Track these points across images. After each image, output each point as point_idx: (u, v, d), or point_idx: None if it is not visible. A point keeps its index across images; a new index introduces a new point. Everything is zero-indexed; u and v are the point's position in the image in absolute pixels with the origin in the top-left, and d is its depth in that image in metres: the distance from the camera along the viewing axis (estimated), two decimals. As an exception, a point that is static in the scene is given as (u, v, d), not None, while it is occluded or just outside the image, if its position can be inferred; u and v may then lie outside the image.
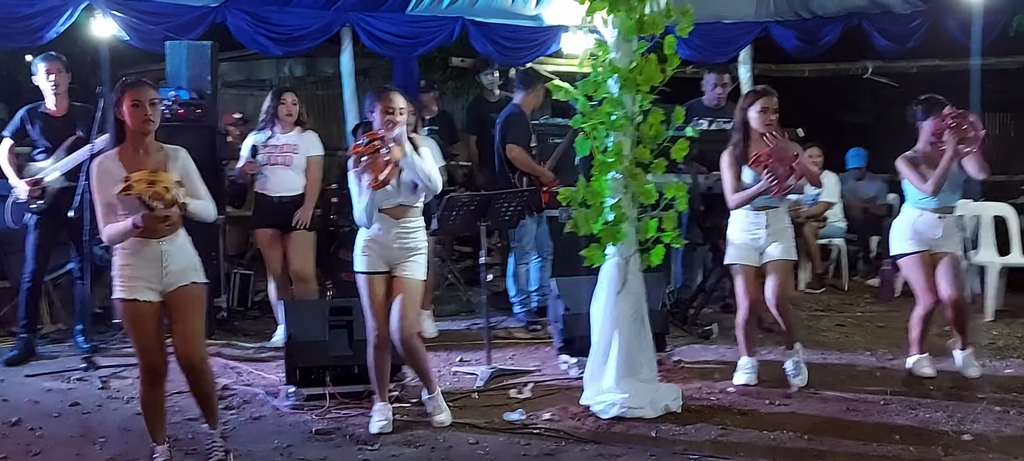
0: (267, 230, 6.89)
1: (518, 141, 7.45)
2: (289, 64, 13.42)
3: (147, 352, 4.35)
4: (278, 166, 6.79)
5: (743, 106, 5.77)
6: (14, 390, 5.88)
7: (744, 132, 5.73)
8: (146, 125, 4.33)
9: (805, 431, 4.98)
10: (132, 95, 4.31)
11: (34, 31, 7.64)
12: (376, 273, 4.97)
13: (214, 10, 8.21)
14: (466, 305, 8.39)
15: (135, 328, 4.35)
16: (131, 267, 4.31)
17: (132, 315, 4.32)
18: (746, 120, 5.72)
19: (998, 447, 4.72)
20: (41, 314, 7.19)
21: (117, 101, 4.34)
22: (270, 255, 6.93)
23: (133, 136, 4.35)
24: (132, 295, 4.30)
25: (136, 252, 4.29)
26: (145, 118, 4.31)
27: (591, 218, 5.27)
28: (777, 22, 9.86)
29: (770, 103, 5.67)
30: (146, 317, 4.32)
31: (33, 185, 6.46)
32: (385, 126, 4.85)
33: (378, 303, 4.97)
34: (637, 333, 5.33)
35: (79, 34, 8.41)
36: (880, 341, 7.06)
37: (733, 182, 5.74)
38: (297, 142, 6.84)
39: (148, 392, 4.43)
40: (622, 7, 5.12)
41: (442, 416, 5.12)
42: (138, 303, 4.30)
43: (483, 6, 9.23)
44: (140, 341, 4.36)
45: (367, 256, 4.98)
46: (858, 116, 13.38)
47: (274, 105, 6.81)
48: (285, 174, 6.79)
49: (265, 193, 6.84)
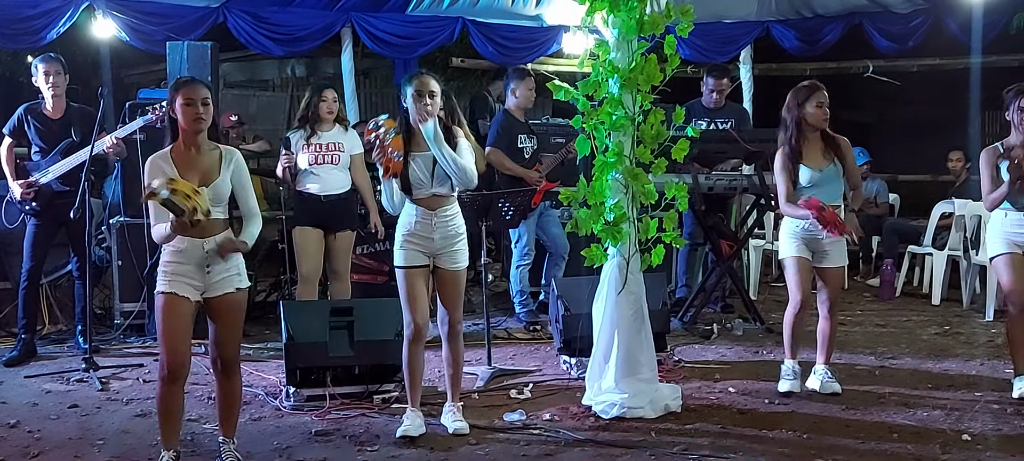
0: (313, 229, 6.66)
1: (497, 144, 7.46)
2: (291, 65, 13.45)
3: (174, 348, 4.31)
4: (326, 165, 6.64)
5: (797, 102, 5.58)
6: (13, 391, 5.88)
7: (799, 127, 5.58)
8: (198, 124, 4.32)
9: (804, 430, 4.99)
10: (185, 93, 4.30)
11: (35, 32, 7.66)
12: (417, 267, 4.91)
13: (215, 10, 8.22)
14: (466, 305, 8.37)
15: (167, 321, 4.29)
16: (175, 264, 4.30)
17: (168, 307, 4.28)
18: (802, 116, 5.56)
19: (996, 446, 4.73)
20: (41, 315, 7.20)
21: (170, 99, 4.35)
22: (312, 256, 6.69)
23: (185, 135, 4.34)
24: (172, 288, 4.27)
25: (181, 250, 4.28)
26: (197, 116, 4.30)
27: (592, 218, 5.28)
28: (778, 21, 9.88)
29: (824, 97, 5.57)
30: (181, 311, 4.29)
31: (26, 187, 6.47)
32: (419, 110, 4.78)
33: (419, 297, 4.91)
34: (637, 333, 5.34)
35: (80, 35, 8.43)
36: (879, 340, 7.07)
37: (788, 184, 5.57)
38: (342, 140, 6.72)
39: (167, 390, 4.37)
40: (622, 7, 5.12)
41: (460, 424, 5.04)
42: (177, 297, 4.27)
43: (484, 6, 9.24)
44: (169, 335, 4.30)
45: (407, 250, 4.90)
46: (859, 115, 13.39)
47: (315, 102, 6.65)
48: (332, 172, 6.64)
49: (312, 192, 6.62)
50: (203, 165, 4.36)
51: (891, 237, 9.39)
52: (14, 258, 7.00)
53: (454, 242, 4.95)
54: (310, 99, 6.70)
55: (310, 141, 6.63)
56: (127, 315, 7.24)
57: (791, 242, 5.62)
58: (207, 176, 4.35)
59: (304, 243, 6.68)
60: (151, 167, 4.31)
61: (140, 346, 7.00)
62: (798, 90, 5.66)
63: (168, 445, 4.45)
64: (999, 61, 10.16)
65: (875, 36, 9.66)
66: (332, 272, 6.85)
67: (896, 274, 8.92)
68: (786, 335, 5.72)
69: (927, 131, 11.84)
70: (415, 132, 4.86)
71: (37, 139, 6.62)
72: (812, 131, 5.60)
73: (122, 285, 7.26)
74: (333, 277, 6.86)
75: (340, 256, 6.78)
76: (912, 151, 10.92)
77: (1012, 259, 5.51)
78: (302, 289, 6.71)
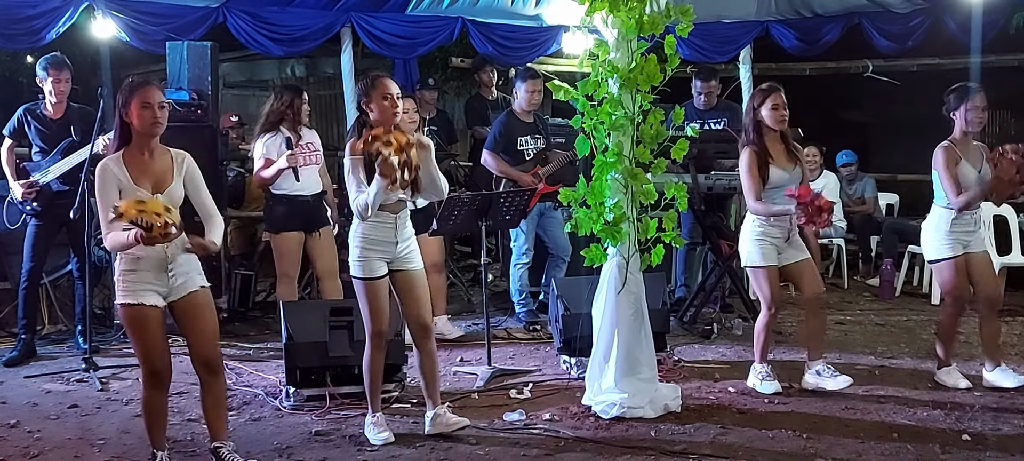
0: (296, 233, 6.66)
1: (494, 147, 7.47)
2: (290, 65, 13.44)
3: (151, 356, 4.29)
4: (310, 166, 6.68)
5: (754, 106, 5.66)
6: (13, 392, 5.89)
7: (758, 130, 5.64)
8: (155, 128, 4.23)
9: (804, 430, 4.99)
10: (142, 96, 4.20)
11: (35, 32, 7.64)
12: (382, 277, 4.85)
13: (215, 10, 8.21)
14: (466, 305, 8.39)
15: (140, 332, 4.26)
16: (136, 272, 4.22)
17: (137, 319, 4.24)
18: (759, 119, 5.64)
19: (996, 446, 4.73)
20: (41, 315, 7.20)
21: (124, 102, 4.22)
22: (294, 258, 6.70)
23: (140, 138, 4.25)
24: (137, 299, 4.21)
25: (141, 257, 4.19)
26: (154, 120, 4.22)
27: (591, 218, 5.28)
28: (777, 21, 9.87)
29: (780, 99, 5.62)
30: (151, 321, 4.25)
31: (27, 187, 6.47)
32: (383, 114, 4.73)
33: (384, 306, 4.87)
34: (637, 333, 5.34)
35: (79, 35, 8.42)
36: (879, 340, 7.07)
37: (758, 183, 5.59)
38: (314, 140, 6.80)
39: (152, 396, 4.37)
40: (622, 7, 5.12)
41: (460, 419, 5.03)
42: (144, 307, 4.22)
43: (483, 6, 9.23)
44: (144, 345, 4.28)
45: (371, 261, 4.82)
46: (859, 115, 13.39)
47: (298, 104, 6.67)
48: (313, 173, 6.70)
49: (299, 193, 6.61)
50: (156, 170, 4.27)
51: (890, 237, 9.39)
52: (14, 258, 7.00)
53: (411, 243, 4.94)
54: (292, 101, 6.68)
55: (299, 143, 6.67)
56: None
57: (757, 248, 5.64)
58: (161, 181, 4.28)
59: (288, 246, 6.67)
60: (104, 173, 4.18)
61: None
62: (755, 94, 5.76)
63: (159, 446, 4.45)
64: (998, 61, 10.15)
65: (874, 36, 9.65)
66: (323, 272, 6.85)
67: (896, 274, 8.92)
68: (759, 342, 5.75)
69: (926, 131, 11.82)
70: None
71: (37, 139, 6.63)
72: (770, 132, 5.64)
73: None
74: (326, 276, 6.84)
75: (326, 254, 6.81)
76: (912, 151, 10.88)
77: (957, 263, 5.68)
78: (286, 289, 6.68)
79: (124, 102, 4.23)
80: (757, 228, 5.66)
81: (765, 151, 5.61)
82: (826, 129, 10.58)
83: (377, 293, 4.84)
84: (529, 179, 7.37)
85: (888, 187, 10.52)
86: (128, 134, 4.27)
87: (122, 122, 4.26)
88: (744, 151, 5.67)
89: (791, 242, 5.69)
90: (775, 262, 5.66)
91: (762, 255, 5.63)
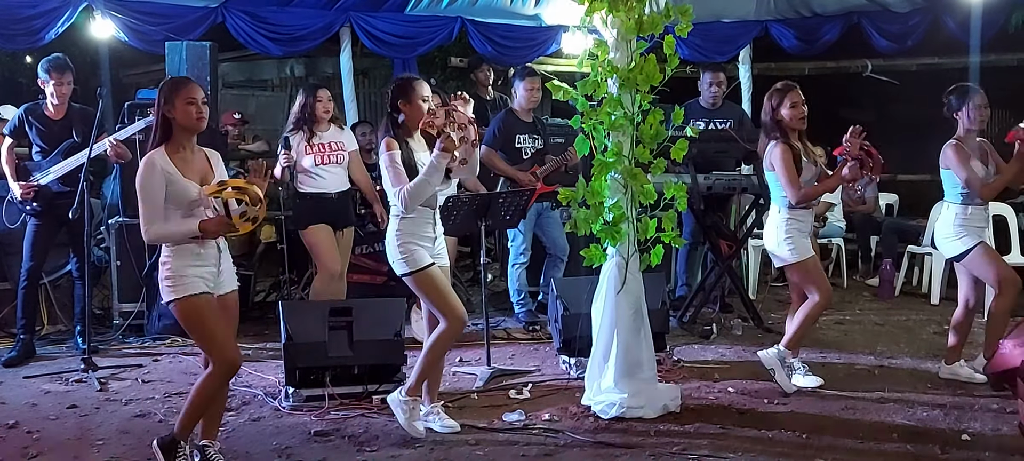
0: (326, 227, 6.71)
1: (492, 144, 7.47)
2: (290, 64, 13.43)
3: (226, 345, 4.28)
4: (331, 164, 6.72)
5: (773, 105, 5.66)
6: (12, 392, 5.88)
7: (780, 130, 5.66)
8: (199, 123, 4.31)
9: (803, 430, 4.98)
10: (187, 93, 4.27)
11: (34, 32, 7.65)
12: (429, 265, 4.85)
13: (214, 10, 8.21)
14: (466, 305, 8.37)
15: (203, 323, 4.22)
16: (195, 267, 4.21)
17: (196, 311, 4.20)
18: (779, 119, 5.64)
19: (995, 446, 4.73)
20: (40, 315, 7.20)
21: (168, 99, 4.26)
22: (333, 251, 6.72)
23: (181, 134, 4.29)
24: (191, 291, 4.19)
25: (197, 252, 4.21)
26: (199, 116, 4.29)
27: (591, 218, 5.28)
28: (777, 21, 9.88)
29: (799, 97, 5.65)
30: (211, 308, 4.25)
31: (26, 187, 6.47)
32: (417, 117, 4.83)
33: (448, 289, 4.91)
34: (637, 333, 5.33)
35: (78, 35, 8.43)
36: (879, 340, 7.07)
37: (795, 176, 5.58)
38: (341, 139, 6.82)
39: (222, 388, 4.41)
40: (621, 7, 5.12)
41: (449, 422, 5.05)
42: (199, 298, 4.21)
43: (482, 6, 9.23)
44: (212, 335, 4.24)
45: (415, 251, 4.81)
46: (858, 114, 13.36)
47: (311, 103, 6.70)
48: (337, 171, 6.75)
49: (324, 191, 6.69)
50: (198, 165, 4.35)
51: (890, 236, 9.40)
52: (14, 258, 7.00)
53: (441, 240, 5.01)
54: (306, 100, 6.74)
55: (312, 142, 6.67)
56: (126, 315, 7.25)
57: (792, 244, 5.66)
58: (204, 177, 4.35)
59: (322, 240, 6.70)
60: (149, 168, 4.18)
61: (139, 346, 7.00)
62: (772, 93, 5.75)
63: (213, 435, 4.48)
64: (998, 60, 10.16)
65: (874, 35, 9.66)
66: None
67: (895, 273, 8.92)
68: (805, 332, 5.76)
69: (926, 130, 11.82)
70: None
71: (38, 140, 6.63)
72: (792, 131, 5.66)
73: (121, 285, 7.27)
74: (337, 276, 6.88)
75: (344, 254, 6.86)
76: (911, 150, 10.89)
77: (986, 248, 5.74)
78: (327, 287, 6.64)
79: (167, 99, 4.27)
80: (789, 223, 5.65)
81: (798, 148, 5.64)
82: (825, 129, 10.54)
83: (434, 281, 4.84)
84: (527, 178, 7.37)
85: (887, 187, 10.53)
86: (169, 130, 4.30)
87: (164, 118, 4.29)
88: (775, 147, 5.63)
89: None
90: (813, 251, 5.71)
91: (800, 247, 5.64)
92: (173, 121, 4.28)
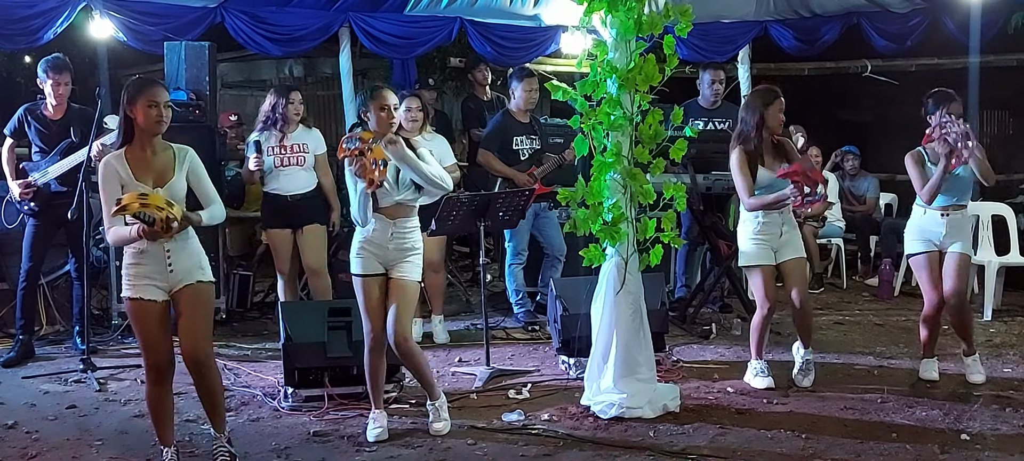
0: (282, 230, 6.90)
1: (489, 146, 7.47)
2: (288, 65, 13.42)
3: (151, 349, 4.41)
4: (292, 166, 6.84)
5: (763, 103, 5.69)
6: (11, 392, 5.87)
7: (759, 129, 5.67)
8: (159, 126, 4.36)
9: (803, 430, 4.98)
10: (149, 95, 4.32)
11: (32, 32, 7.63)
12: (372, 275, 4.91)
13: (212, 11, 8.20)
14: (465, 305, 8.39)
15: (140, 325, 4.40)
16: (137, 266, 4.35)
17: (137, 313, 4.38)
18: (763, 119, 5.66)
19: (995, 446, 4.73)
20: (39, 316, 7.19)
21: (131, 100, 4.32)
22: (284, 255, 6.93)
23: (143, 136, 4.37)
24: (138, 293, 4.35)
25: (142, 252, 4.33)
26: (159, 119, 4.34)
27: (590, 218, 5.27)
28: (776, 21, 9.86)
29: (782, 103, 5.71)
30: (151, 314, 4.36)
31: (24, 187, 6.46)
32: (380, 124, 4.85)
33: (375, 305, 4.90)
34: (636, 333, 5.33)
35: (77, 35, 8.41)
36: (878, 340, 7.07)
37: (750, 179, 5.66)
38: (306, 140, 6.90)
39: (154, 390, 4.47)
40: (620, 7, 5.12)
41: (439, 425, 5.02)
42: (144, 301, 4.35)
43: (482, 6, 9.22)
44: (145, 338, 4.41)
45: (363, 258, 4.91)
46: (857, 115, 13.38)
47: (283, 104, 6.81)
48: (298, 173, 6.86)
49: (279, 192, 6.84)
50: (158, 166, 4.39)
51: (889, 237, 9.38)
52: (12, 258, 7.00)
53: (408, 255, 4.93)
54: (277, 101, 6.85)
55: (280, 143, 6.82)
56: (125, 316, 7.22)
57: (754, 247, 5.72)
58: (162, 176, 4.38)
59: (277, 244, 6.95)
60: (106, 170, 4.32)
61: (138, 347, 6.97)
62: (764, 92, 5.80)
63: (166, 443, 4.51)
64: (997, 61, 10.16)
65: (873, 36, 9.65)
66: (307, 268, 7.01)
67: (894, 274, 8.91)
68: (755, 339, 5.85)
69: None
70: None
71: (37, 140, 6.62)
72: (769, 134, 5.70)
73: (120, 286, 7.23)
74: (310, 274, 7.01)
75: (312, 251, 6.94)
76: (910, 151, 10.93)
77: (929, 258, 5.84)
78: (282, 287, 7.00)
79: (130, 100, 4.33)
80: (752, 228, 5.72)
81: (758, 151, 5.68)
82: (825, 129, 10.55)
83: (367, 290, 4.90)
84: (525, 178, 7.36)
85: (887, 187, 10.51)
86: (132, 131, 4.38)
87: (127, 118, 4.36)
88: (734, 151, 5.74)
89: (787, 240, 5.72)
90: (770, 261, 5.73)
91: (757, 254, 5.71)
92: (134, 122, 4.34)
